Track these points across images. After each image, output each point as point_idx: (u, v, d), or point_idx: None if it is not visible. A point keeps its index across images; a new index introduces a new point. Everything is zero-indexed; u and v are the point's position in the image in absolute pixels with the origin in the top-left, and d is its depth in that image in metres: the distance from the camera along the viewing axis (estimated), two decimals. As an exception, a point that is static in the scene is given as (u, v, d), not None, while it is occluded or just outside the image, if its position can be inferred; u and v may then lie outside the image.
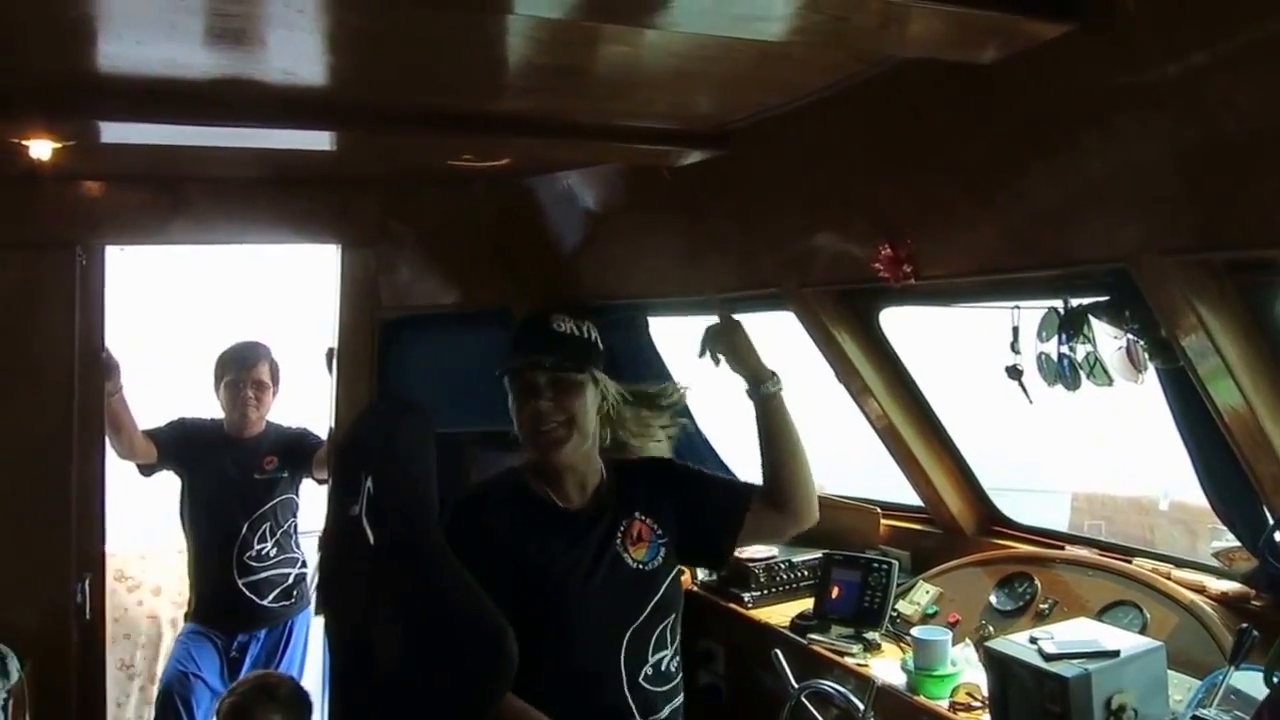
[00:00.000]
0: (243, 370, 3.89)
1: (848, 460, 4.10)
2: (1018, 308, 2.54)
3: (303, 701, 2.96)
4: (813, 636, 3.00)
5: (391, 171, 3.82)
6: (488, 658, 1.62)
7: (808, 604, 3.18)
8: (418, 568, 1.67)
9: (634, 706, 2.09)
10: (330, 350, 4.01)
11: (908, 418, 3.27)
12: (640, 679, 2.11)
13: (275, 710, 2.86)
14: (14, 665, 3.30)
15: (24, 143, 2.71)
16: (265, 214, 3.83)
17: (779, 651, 2.68)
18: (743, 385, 2.25)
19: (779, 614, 3.25)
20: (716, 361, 2.26)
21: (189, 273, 5.41)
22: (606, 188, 3.52)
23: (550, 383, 2.13)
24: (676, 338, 4.07)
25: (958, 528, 3.32)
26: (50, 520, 3.55)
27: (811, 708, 2.55)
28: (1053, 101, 2.04)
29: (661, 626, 2.17)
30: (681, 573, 2.29)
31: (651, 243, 3.55)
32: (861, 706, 2.37)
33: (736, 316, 2.28)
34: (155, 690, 4.27)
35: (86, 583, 3.61)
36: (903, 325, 3.26)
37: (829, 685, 2.50)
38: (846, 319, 3.15)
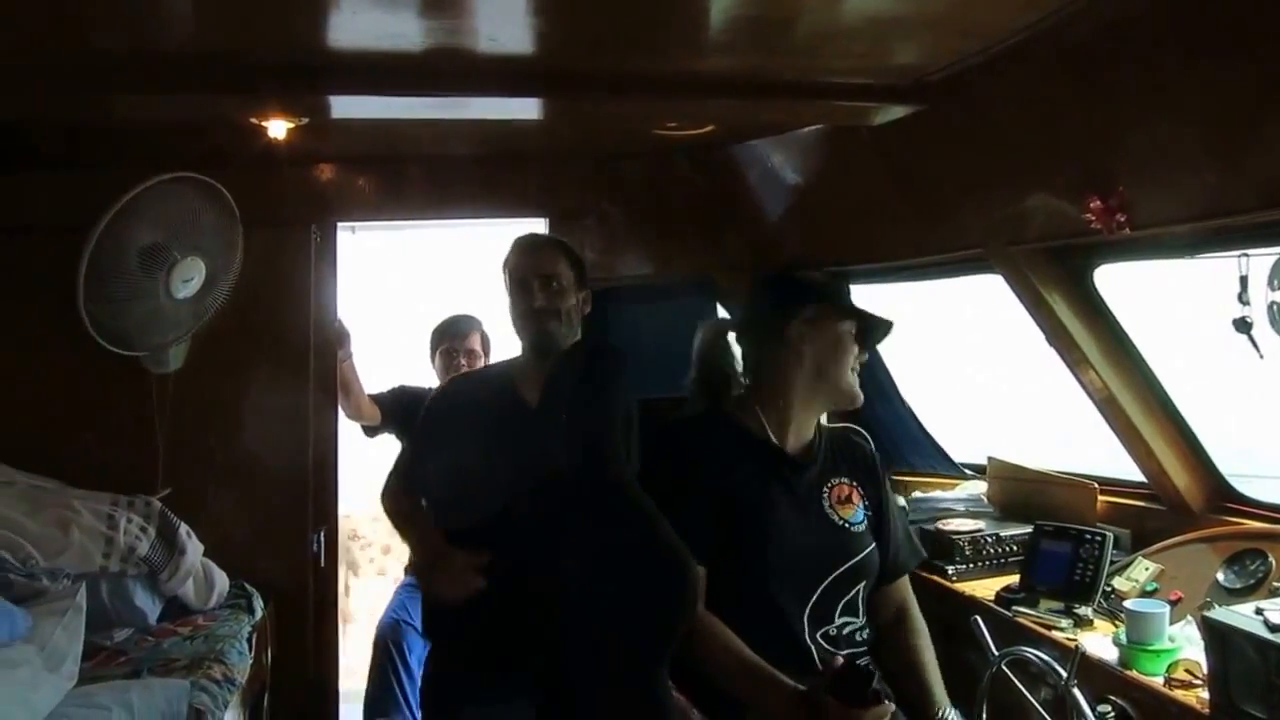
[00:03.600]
0: (456, 340, 4.10)
1: (1058, 429, 3.90)
2: (1245, 255, 2.34)
3: None
4: (1018, 609, 2.88)
5: (596, 145, 3.93)
6: (670, 584, 1.65)
7: (1014, 579, 3.05)
8: (604, 496, 1.72)
9: (816, 656, 2.09)
10: (541, 321, 4.17)
11: (1127, 385, 3.06)
12: (820, 635, 2.11)
13: None
14: (259, 604, 3.62)
15: (262, 123, 2.96)
16: (478, 191, 4.03)
17: (979, 618, 2.59)
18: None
19: (984, 588, 3.13)
20: None
21: (413, 252, 5.77)
22: (806, 152, 3.48)
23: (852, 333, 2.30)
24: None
25: (1183, 504, 3.08)
26: (290, 477, 3.87)
27: (1013, 676, 2.46)
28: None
29: (854, 591, 2.17)
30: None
31: (852, 207, 3.49)
32: (1064, 674, 2.27)
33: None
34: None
35: (321, 534, 3.92)
36: (1126, 292, 3.07)
37: (1031, 652, 2.40)
38: (1058, 280, 2.99)
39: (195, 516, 3.56)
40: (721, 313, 4.39)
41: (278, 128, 2.96)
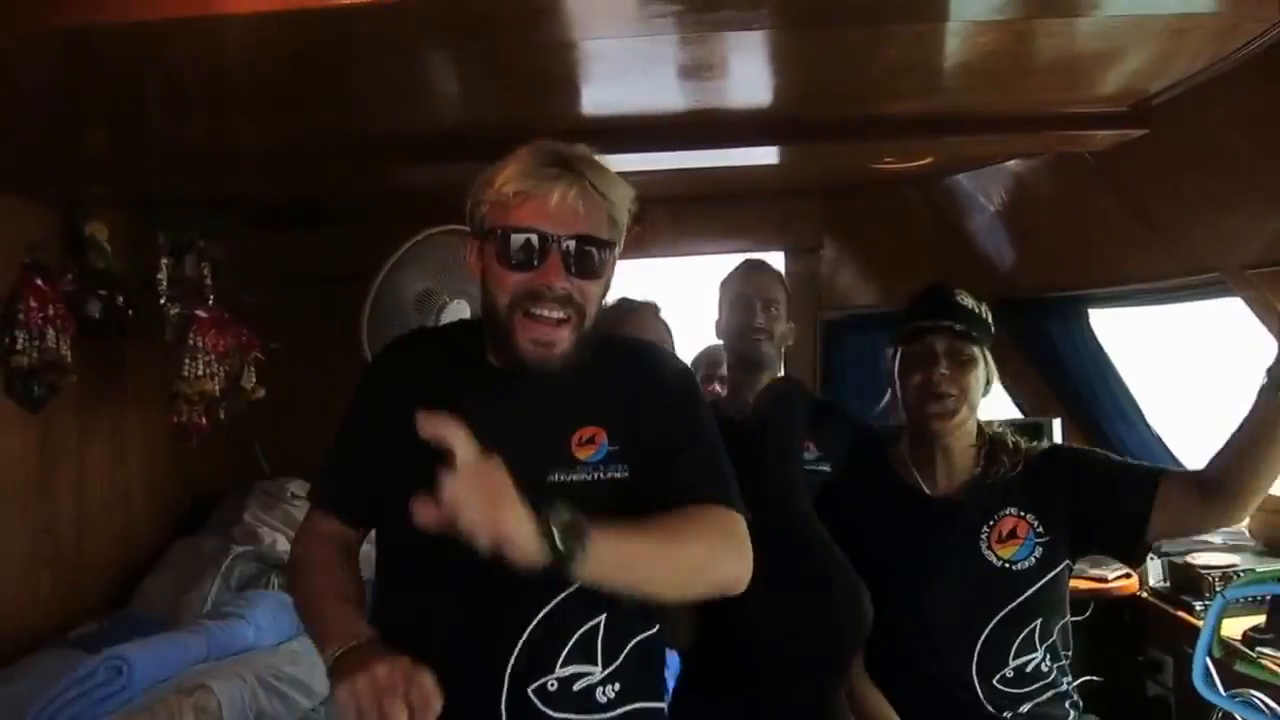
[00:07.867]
0: (714, 367, 4.30)
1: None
2: None
3: None
4: (1262, 650, 2.74)
5: (827, 179, 4.05)
6: (846, 609, 1.74)
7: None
8: (783, 528, 1.83)
9: (986, 704, 2.03)
10: (778, 351, 4.33)
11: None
12: (995, 680, 2.03)
13: None
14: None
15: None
16: (717, 228, 4.28)
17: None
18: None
19: (1234, 627, 2.99)
20: None
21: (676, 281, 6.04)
22: (1031, 178, 3.46)
23: (948, 352, 2.08)
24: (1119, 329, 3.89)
25: None
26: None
27: (1241, 721, 2.37)
28: None
29: (1027, 630, 2.04)
30: (1067, 573, 2.13)
31: (1082, 231, 3.42)
32: (1286, 720, 2.18)
33: None
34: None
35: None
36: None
37: (1258, 697, 2.30)
38: (1301, 302, 2.84)
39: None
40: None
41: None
